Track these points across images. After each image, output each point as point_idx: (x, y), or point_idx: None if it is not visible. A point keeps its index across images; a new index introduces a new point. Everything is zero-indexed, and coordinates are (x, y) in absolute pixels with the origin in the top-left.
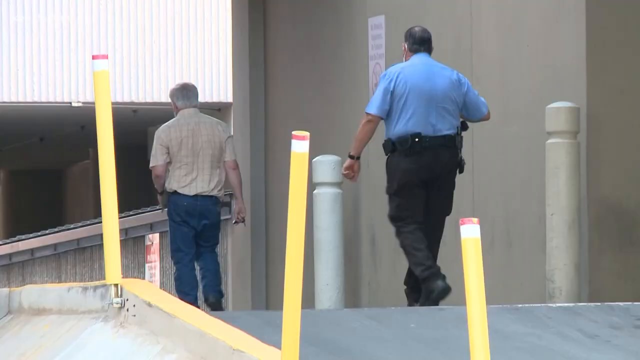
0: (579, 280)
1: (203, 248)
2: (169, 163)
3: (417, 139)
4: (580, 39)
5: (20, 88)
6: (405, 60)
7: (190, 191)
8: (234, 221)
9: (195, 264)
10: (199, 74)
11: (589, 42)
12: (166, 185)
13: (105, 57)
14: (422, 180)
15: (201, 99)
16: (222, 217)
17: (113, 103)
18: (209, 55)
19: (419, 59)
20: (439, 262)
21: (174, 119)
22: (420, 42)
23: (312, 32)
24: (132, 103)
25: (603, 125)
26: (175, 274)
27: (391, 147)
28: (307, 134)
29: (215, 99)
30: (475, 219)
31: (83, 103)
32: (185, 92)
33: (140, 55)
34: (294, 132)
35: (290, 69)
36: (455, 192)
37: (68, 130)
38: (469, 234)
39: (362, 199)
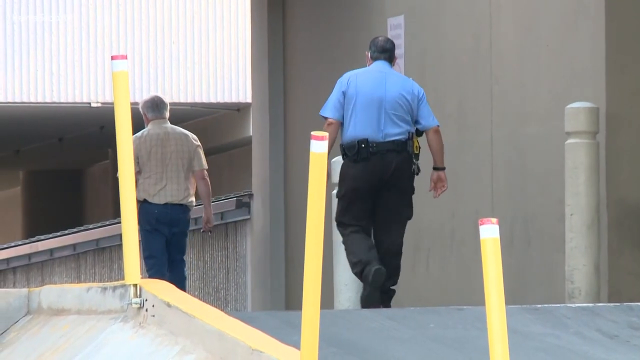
0: (598, 281)
1: (172, 257)
2: (139, 172)
3: (363, 145)
4: (599, 39)
5: (40, 88)
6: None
7: (160, 200)
8: (202, 230)
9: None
10: (218, 74)
11: (608, 42)
12: (137, 195)
13: (125, 57)
14: (371, 186)
15: (220, 99)
16: (239, 218)
17: (132, 103)
18: (228, 55)
19: (376, 67)
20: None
21: (143, 129)
22: (381, 51)
23: (331, 32)
24: None
25: (622, 126)
26: None
27: (342, 152)
28: (326, 134)
29: (234, 100)
30: (494, 219)
31: (102, 103)
32: (155, 105)
33: (159, 55)
34: (312, 133)
35: (310, 69)
36: (475, 193)
37: (87, 130)
38: (488, 234)
39: None
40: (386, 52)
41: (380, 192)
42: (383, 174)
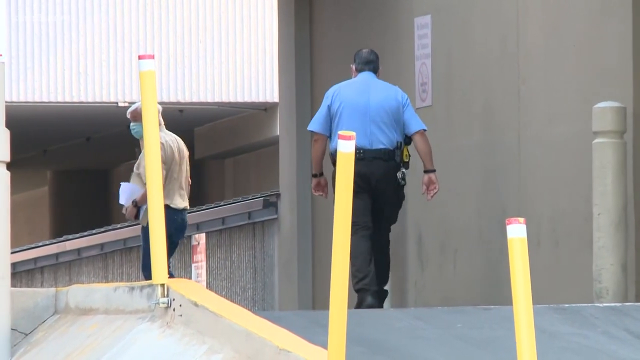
0: (625, 280)
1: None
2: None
3: None
4: (626, 39)
5: (67, 88)
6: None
7: (179, 205)
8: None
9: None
10: (245, 73)
11: (635, 41)
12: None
13: (152, 57)
14: (360, 187)
15: (247, 99)
16: (266, 218)
17: (159, 103)
18: (255, 54)
19: (361, 77)
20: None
21: (165, 134)
22: (365, 62)
23: (358, 31)
24: (178, 103)
25: None
26: None
27: (332, 160)
28: (353, 133)
29: (261, 99)
30: (521, 219)
31: (129, 103)
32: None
33: (186, 55)
34: (340, 132)
35: (336, 68)
36: (502, 192)
37: (114, 130)
38: (516, 234)
39: (408, 199)
40: (370, 64)
41: (370, 194)
42: (370, 179)
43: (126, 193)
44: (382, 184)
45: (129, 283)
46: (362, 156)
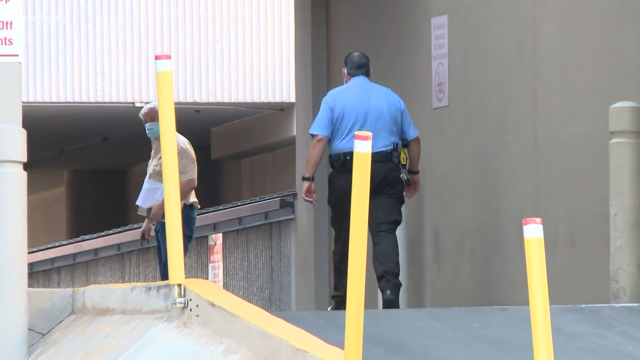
0: None
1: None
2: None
3: (349, 157)
4: None
5: (84, 88)
6: (345, 83)
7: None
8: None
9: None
10: (261, 74)
11: None
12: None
13: (168, 57)
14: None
15: (263, 99)
16: (283, 218)
17: (176, 103)
18: (271, 55)
19: (356, 82)
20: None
21: (180, 136)
22: (358, 67)
23: (375, 32)
24: (195, 103)
25: None
26: None
27: (330, 163)
28: (369, 134)
29: (277, 99)
30: (538, 219)
31: (146, 103)
32: None
33: (203, 55)
34: (356, 132)
35: None
36: (519, 192)
37: (131, 130)
38: (532, 234)
39: (425, 198)
40: (363, 67)
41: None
42: (370, 181)
43: (145, 194)
44: (382, 185)
45: (145, 283)
46: None
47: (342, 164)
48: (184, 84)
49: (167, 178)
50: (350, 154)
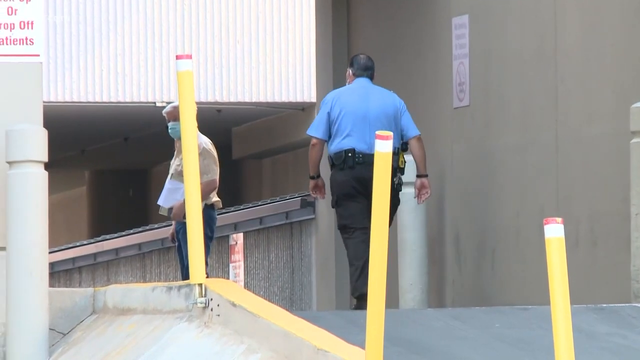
0: None
1: None
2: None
3: (350, 154)
4: None
5: (105, 88)
6: (348, 84)
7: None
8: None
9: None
10: (282, 73)
11: None
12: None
13: (189, 57)
14: (357, 191)
15: (284, 99)
16: (304, 218)
17: (197, 103)
18: (292, 55)
19: (359, 83)
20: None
21: (202, 136)
22: (364, 69)
23: (395, 31)
24: (216, 103)
25: None
26: None
27: (330, 162)
28: (390, 133)
29: (298, 99)
30: (559, 219)
31: (167, 103)
32: None
33: (224, 55)
34: (377, 132)
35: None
36: (540, 192)
37: (152, 130)
38: (553, 234)
39: (446, 198)
40: (368, 70)
41: (366, 198)
42: (368, 183)
43: (166, 194)
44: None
45: (166, 283)
46: (361, 160)
47: (342, 161)
48: (205, 84)
49: (188, 178)
50: (352, 150)
